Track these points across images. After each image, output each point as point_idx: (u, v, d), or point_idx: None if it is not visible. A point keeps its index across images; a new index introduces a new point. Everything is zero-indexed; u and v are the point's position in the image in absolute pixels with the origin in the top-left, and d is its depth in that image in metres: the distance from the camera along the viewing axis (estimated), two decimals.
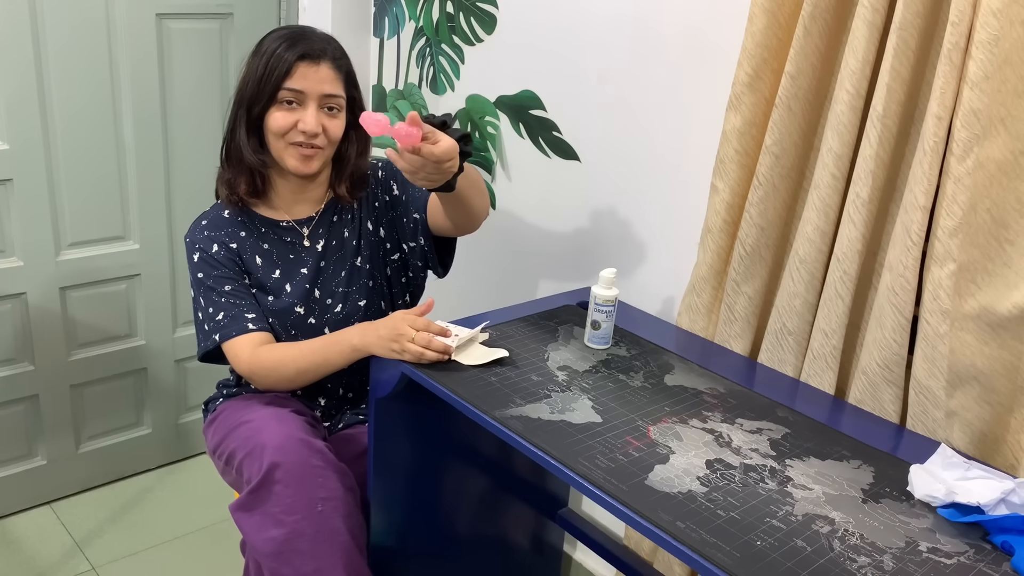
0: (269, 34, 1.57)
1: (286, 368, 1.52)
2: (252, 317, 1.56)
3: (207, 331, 1.57)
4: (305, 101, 1.52)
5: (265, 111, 1.53)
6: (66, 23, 1.98)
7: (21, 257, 2.06)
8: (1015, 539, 1.06)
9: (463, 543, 1.79)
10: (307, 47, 1.52)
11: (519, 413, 1.29)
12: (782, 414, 1.35)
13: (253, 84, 1.52)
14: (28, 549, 2.12)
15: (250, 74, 1.53)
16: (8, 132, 1.97)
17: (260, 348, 1.53)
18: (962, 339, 1.25)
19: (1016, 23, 1.14)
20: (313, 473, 1.42)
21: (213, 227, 1.61)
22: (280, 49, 1.51)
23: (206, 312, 1.57)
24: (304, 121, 1.52)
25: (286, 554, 1.41)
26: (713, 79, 1.58)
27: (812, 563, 1.01)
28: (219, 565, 2.11)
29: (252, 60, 1.55)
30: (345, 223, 1.67)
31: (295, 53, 1.51)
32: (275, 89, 1.51)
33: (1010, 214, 1.21)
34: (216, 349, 1.57)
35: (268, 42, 1.54)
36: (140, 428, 2.41)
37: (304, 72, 1.51)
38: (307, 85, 1.51)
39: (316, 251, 1.64)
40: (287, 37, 1.53)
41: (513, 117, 2.00)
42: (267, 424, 1.45)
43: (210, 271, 1.57)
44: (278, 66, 1.50)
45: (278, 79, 1.50)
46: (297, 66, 1.50)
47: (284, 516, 1.40)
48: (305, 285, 1.62)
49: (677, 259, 1.71)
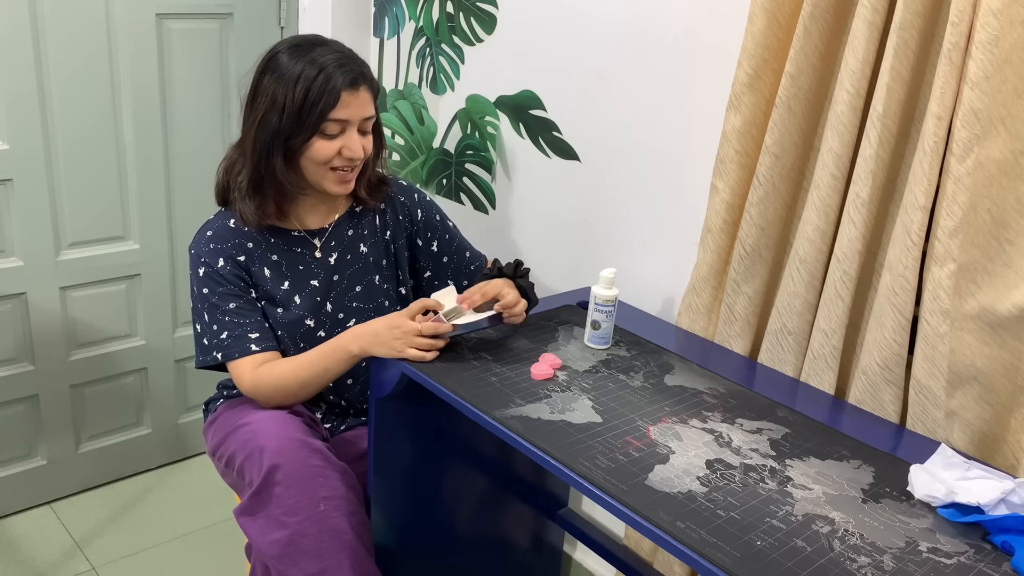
0: (286, 51, 1.49)
1: (288, 384, 1.51)
2: (256, 337, 1.53)
3: (207, 347, 1.54)
4: (347, 127, 1.49)
5: (307, 141, 1.47)
6: (66, 23, 1.98)
7: (21, 257, 2.06)
8: (1015, 539, 1.06)
9: (463, 543, 1.79)
10: (348, 74, 1.46)
11: (519, 413, 1.29)
12: (782, 414, 1.35)
13: (292, 116, 1.45)
14: (28, 549, 2.12)
15: (285, 102, 1.45)
16: (8, 132, 1.97)
17: (260, 369, 1.51)
18: (962, 339, 1.25)
19: (1016, 23, 1.14)
20: (313, 473, 1.42)
21: (219, 239, 1.56)
22: (320, 79, 1.44)
23: (208, 328, 1.54)
24: (350, 148, 1.49)
25: (291, 555, 1.41)
26: (713, 79, 1.58)
27: (812, 563, 1.01)
28: (219, 565, 2.11)
29: (279, 85, 1.46)
30: (362, 237, 1.65)
31: (340, 83, 1.45)
32: (320, 120, 1.46)
33: (1010, 214, 1.21)
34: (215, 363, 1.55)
35: (296, 65, 1.46)
36: (140, 428, 2.41)
37: (348, 101, 1.47)
38: (351, 113, 1.48)
39: (328, 263, 1.61)
40: (322, 63, 1.45)
41: (513, 117, 2.00)
42: (265, 426, 1.45)
43: (215, 287, 1.54)
44: (323, 98, 1.44)
45: (324, 110, 1.45)
46: (342, 96, 1.46)
47: (286, 518, 1.40)
48: (316, 298, 1.59)
49: (677, 259, 1.71)
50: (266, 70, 1.50)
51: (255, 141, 1.49)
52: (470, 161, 2.13)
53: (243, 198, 1.54)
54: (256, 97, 1.50)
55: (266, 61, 1.51)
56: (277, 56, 1.49)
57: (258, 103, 1.49)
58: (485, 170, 2.09)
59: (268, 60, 1.50)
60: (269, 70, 1.49)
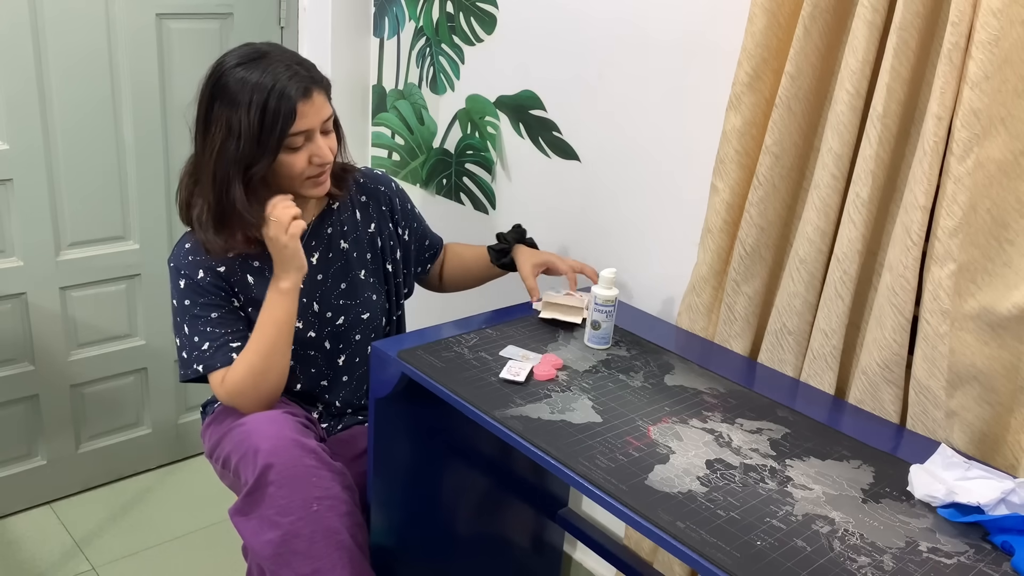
0: (231, 70, 1.43)
1: (253, 362, 1.47)
2: (237, 346, 1.52)
3: (188, 359, 1.52)
4: (311, 135, 1.46)
5: (270, 165, 1.44)
6: (66, 23, 1.98)
7: (21, 257, 2.06)
8: (1015, 539, 1.06)
9: (463, 543, 1.79)
10: (299, 84, 1.42)
11: (519, 413, 1.29)
12: (782, 414, 1.35)
13: (251, 141, 1.41)
14: (28, 549, 2.12)
15: (241, 129, 1.41)
16: (8, 132, 1.97)
17: (225, 376, 1.49)
18: (962, 339, 1.25)
19: (1016, 23, 1.14)
20: (307, 473, 1.41)
21: (198, 251, 1.53)
22: (273, 97, 1.40)
23: (189, 340, 1.52)
24: (319, 155, 1.47)
25: (284, 556, 1.41)
26: (713, 79, 1.58)
27: (812, 563, 1.01)
28: (219, 565, 2.11)
29: (232, 111, 1.41)
30: (343, 234, 1.64)
31: (294, 96, 1.41)
32: (281, 139, 1.42)
33: (1010, 214, 1.21)
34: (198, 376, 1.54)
35: (244, 87, 1.41)
36: (140, 428, 2.41)
37: (305, 111, 1.43)
38: (311, 122, 1.44)
39: (311, 264, 1.60)
40: (271, 80, 1.40)
41: (513, 117, 2.00)
42: (260, 426, 1.45)
43: (196, 298, 1.52)
44: (280, 117, 1.40)
45: (284, 129, 1.41)
46: (298, 109, 1.42)
47: (279, 518, 1.40)
48: (302, 299, 1.58)
49: (677, 259, 1.71)
50: (214, 96, 1.44)
51: (214, 173, 1.44)
52: (470, 161, 2.13)
53: (206, 231, 1.49)
54: (209, 127, 1.45)
55: (212, 86, 1.45)
56: (223, 79, 1.43)
57: (212, 133, 1.44)
58: (485, 170, 2.09)
59: (214, 85, 1.45)
60: (218, 97, 1.44)
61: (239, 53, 1.46)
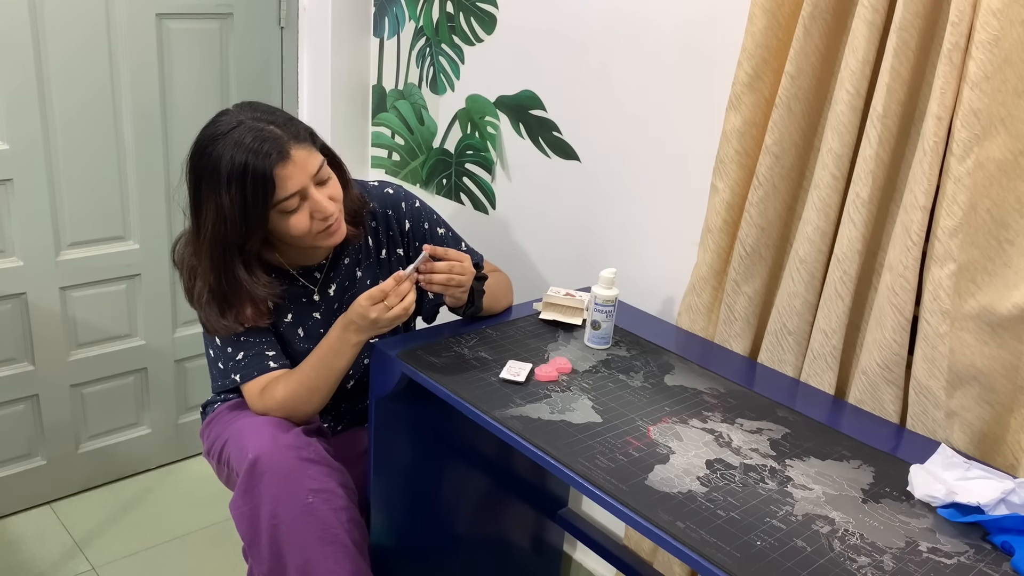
0: (208, 145, 1.38)
1: (299, 393, 1.48)
2: (273, 355, 1.52)
3: (224, 370, 1.53)
4: (305, 192, 1.40)
5: (262, 237, 1.42)
6: (66, 23, 1.98)
7: (21, 257, 2.06)
8: (1015, 539, 1.06)
9: (463, 543, 1.79)
10: (271, 149, 1.35)
11: (519, 413, 1.29)
12: (782, 414, 1.35)
13: (237, 222, 1.37)
14: (28, 549, 2.12)
15: (226, 210, 1.37)
16: (8, 132, 1.96)
17: (267, 386, 1.49)
18: (962, 339, 1.25)
19: (1016, 23, 1.14)
20: (301, 465, 1.42)
21: None
22: (249, 171, 1.34)
23: (222, 351, 1.53)
24: (320, 209, 1.41)
25: (277, 546, 1.42)
26: (713, 79, 1.58)
27: (812, 563, 1.01)
28: (219, 565, 2.11)
29: (216, 192, 1.37)
30: (357, 263, 1.63)
31: (269, 164, 1.34)
32: (266, 212, 1.38)
33: (1010, 214, 1.21)
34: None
35: (220, 165, 1.35)
36: (140, 428, 2.41)
37: (286, 174, 1.36)
38: (298, 181, 1.38)
39: (328, 295, 1.60)
40: (242, 153, 1.34)
41: (513, 117, 2.00)
42: (256, 422, 1.46)
43: None
44: (260, 189, 1.35)
45: (266, 200, 1.36)
46: (277, 175, 1.35)
47: (273, 509, 1.41)
48: (319, 330, 1.58)
49: (677, 259, 1.71)
50: (199, 178, 1.40)
51: (211, 255, 1.42)
52: (470, 161, 2.13)
53: (208, 312, 1.47)
54: (200, 209, 1.42)
55: (194, 167, 1.41)
56: (203, 160, 1.39)
57: (203, 216, 1.41)
58: (485, 170, 2.09)
59: (196, 166, 1.41)
60: (203, 178, 1.40)
61: (212, 127, 1.41)
